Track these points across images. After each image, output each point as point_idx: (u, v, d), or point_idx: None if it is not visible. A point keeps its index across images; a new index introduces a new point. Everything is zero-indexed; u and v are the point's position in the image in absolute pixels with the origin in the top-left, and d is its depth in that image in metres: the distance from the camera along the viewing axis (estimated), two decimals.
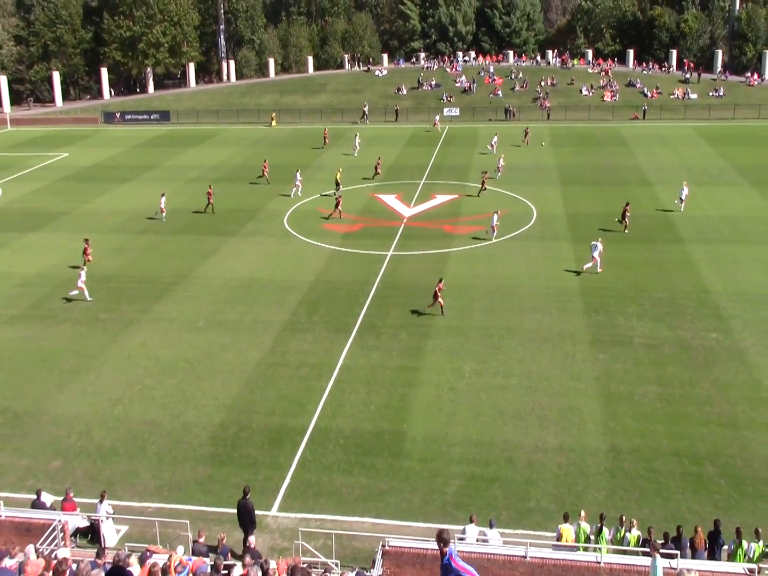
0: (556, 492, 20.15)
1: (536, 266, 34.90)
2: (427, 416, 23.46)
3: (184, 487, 20.46)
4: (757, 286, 32.20)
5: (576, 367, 26.13)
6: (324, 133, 62.83)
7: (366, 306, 31.03)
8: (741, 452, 21.46)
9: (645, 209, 42.83)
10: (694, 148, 57.75)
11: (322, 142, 62.22)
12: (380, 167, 51.07)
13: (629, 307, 30.43)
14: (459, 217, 42.56)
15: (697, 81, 79.21)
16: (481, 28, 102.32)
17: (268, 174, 50.04)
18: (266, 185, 49.72)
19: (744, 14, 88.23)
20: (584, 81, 79.26)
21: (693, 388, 24.68)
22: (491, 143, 57.67)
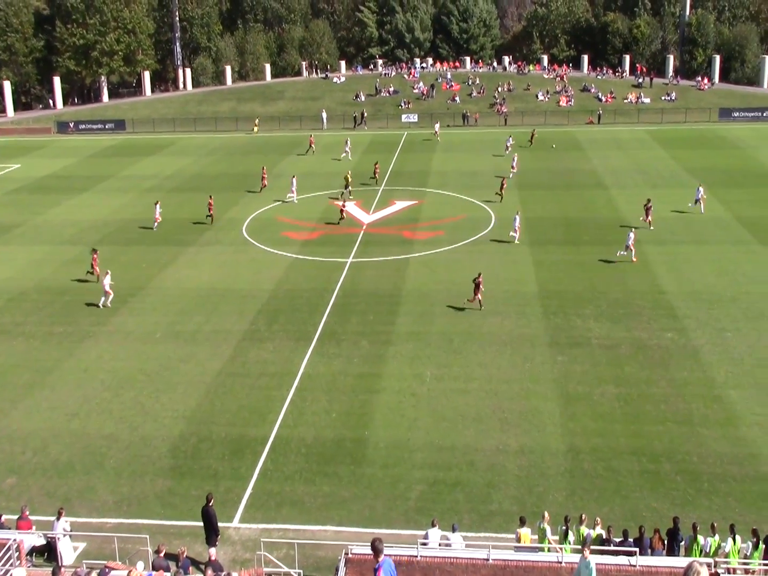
0: (517, 494, 20.31)
1: (495, 270, 35.18)
2: (388, 422, 23.48)
3: (144, 501, 20.17)
4: (710, 285, 32.89)
5: (535, 369, 26.40)
6: (310, 139, 62.53)
7: (326, 314, 30.97)
8: (696, 449, 21.88)
9: (600, 212, 43.50)
10: (647, 152, 58.86)
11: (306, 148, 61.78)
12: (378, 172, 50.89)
13: (586, 309, 30.85)
14: (418, 222, 42.75)
15: (650, 85, 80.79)
16: (438, 35, 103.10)
17: (267, 181, 49.73)
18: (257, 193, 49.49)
19: (694, 20, 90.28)
20: (540, 86, 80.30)
21: (649, 387, 25.11)
22: (507, 144, 57.87)
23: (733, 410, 23.68)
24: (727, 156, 56.71)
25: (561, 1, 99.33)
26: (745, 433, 22.56)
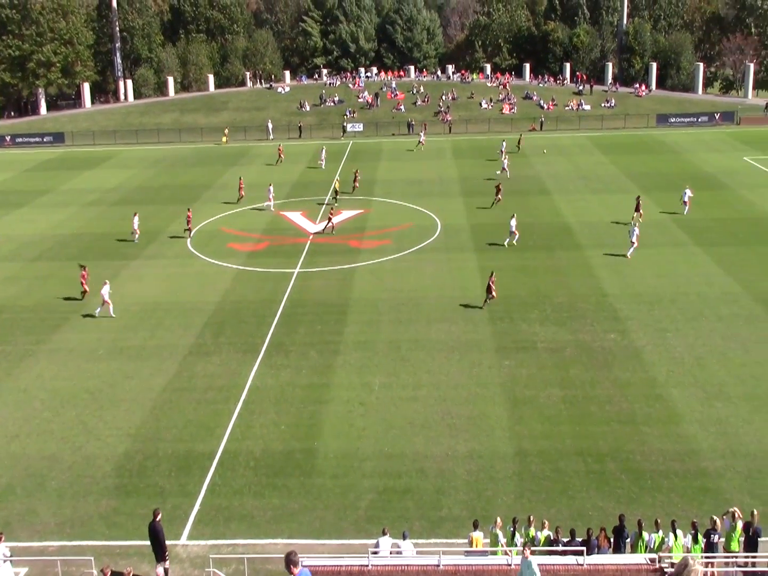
0: (466, 499, 20.45)
1: (442, 277, 35.47)
2: (338, 432, 23.42)
3: (88, 522, 19.70)
4: (650, 287, 33.69)
5: (483, 374, 26.66)
6: (279, 149, 62.13)
7: (274, 325, 30.78)
8: (640, 447, 22.36)
9: (544, 218, 44.22)
10: (588, 157, 60.10)
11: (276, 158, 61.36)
12: (358, 181, 50.66)
13: (532, 314, 31.30)
14: (365, 231, 42.84)
15: (590, 93, 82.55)
16: (382, 44, 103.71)
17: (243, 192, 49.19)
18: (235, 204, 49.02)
19: (631, 28, 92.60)
20: (483, 94, 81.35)
21: (594, 388, 25.58)
22: (501, 149, 58.18)
23: (675, 408, 24.27)
24: (664, 160, 58.24)
25: (503, 11, 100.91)
26: (685, 430, 23.14)
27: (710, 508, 19.35)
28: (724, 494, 20.27)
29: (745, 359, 27.08)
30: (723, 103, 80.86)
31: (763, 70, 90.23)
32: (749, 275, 34.54)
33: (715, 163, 56.16)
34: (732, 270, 35.24)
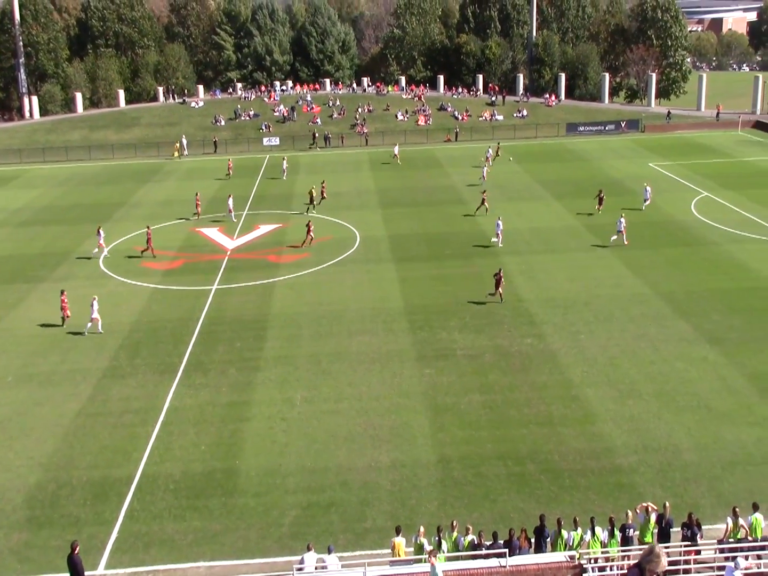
0: (390, 509, 20.52)
1: (362, 289, 35.59)
2: (259, 450, 23.15)
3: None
4: (564, 291, 34.65)
5: (404, 384, 26.85)
6: (228, 164, 61.00)
7: (191, 344, 30.22)
8: (558, 448, 22.92)
9: (461, 227, 44.92)
10: (502, 166, 61.37)
11: (225, 172, 60.40)
12: (325, 191, 50.10)
13: (451, 322, 31.72)
14: (283, 246, 42.58)
15: (503, 103, 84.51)
16: (297, 57, 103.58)
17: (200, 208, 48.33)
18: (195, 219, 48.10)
19: (540, 41, 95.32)
20: (399, 106, 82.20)
21: (512, 392, 26.09)
22: (487, 155, 60.14)
23: (590, 408, 25.00)
24: (575, 168, 60.09)
25: (416, 24, 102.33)
26: (600, 428, 23.86)
27: (625, 502, 19.97)
28: (638, 488, 20.98)
29: (654, 357, 28.14)
30: (628, 111, 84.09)
31: (665, 80, 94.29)
32: (656, 276, 35.95)
33: (622, 170, 58.28)
34: (640, 272, 36.60)
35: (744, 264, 37.12)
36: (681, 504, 19.72)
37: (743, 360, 27.62)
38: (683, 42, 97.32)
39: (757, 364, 27.29)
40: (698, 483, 21.14)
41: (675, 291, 34.13)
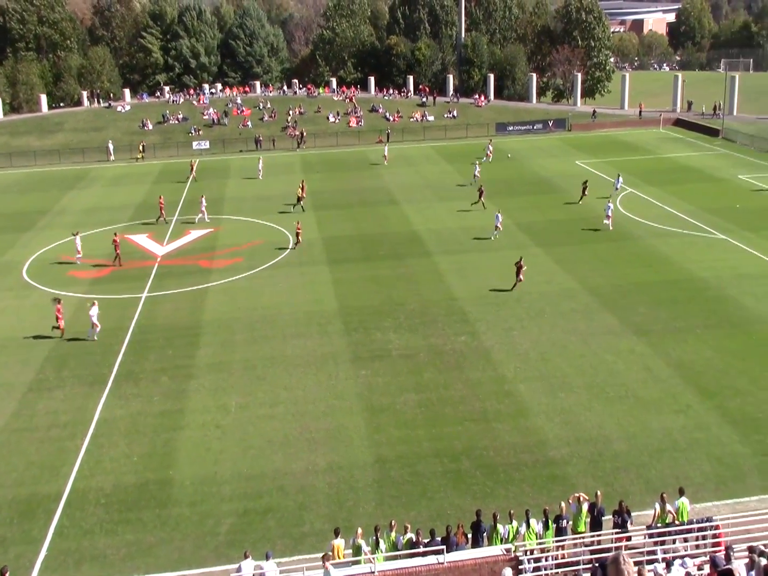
0: (328, 511, 20.48)
1: (296, 292, 35.40)
2: (194, 458, 22.80)
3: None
4: (496, 288, 35.13)
5: (340, 386, 26.82)
6: (191, 164, 59.60)
7: (122, 353, 29.54)
8: (492, 443, 23.25)
9: (394, 227, 45.12)
10: (434, 166, 61.97)
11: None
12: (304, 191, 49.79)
13: (385, 322, 31.83)
14: (215, 251, 42.00)
15: (433, 104, 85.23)
16: (225, 60, 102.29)
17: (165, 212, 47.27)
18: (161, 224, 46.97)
19: (469, 42, 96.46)
20: (330, 108, 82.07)
21: (447, 390, 26.35)
22: (487, 152, 61.46)
23: (523, 403, 25.45)
24: (504, 167, 60.98)
25: (346, 26, 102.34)
26: (533, 422, 24.31)
27: (559, 494, 20.38)
28: (571, 479, 21.45)
29: (584, 350, 28.82)
30: (555, 110, 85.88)
31: (589, 80, 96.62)
32: (584, 272, 36.82)
33: (551, 168, 59.47)
34: (569, 268, 37.42)
35: (667, 257, 38.34)
36: (612, 492, 20.24)
37: (668, 350, 28.54)
38: (606, 42, 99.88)
39: (681, 354, 28.23)
40: (627, 471, 21.74)
41: (602, 285, 35.02)
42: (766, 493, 20.53)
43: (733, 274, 35.80)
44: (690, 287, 34.52)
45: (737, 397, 25.25)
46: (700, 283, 35.02)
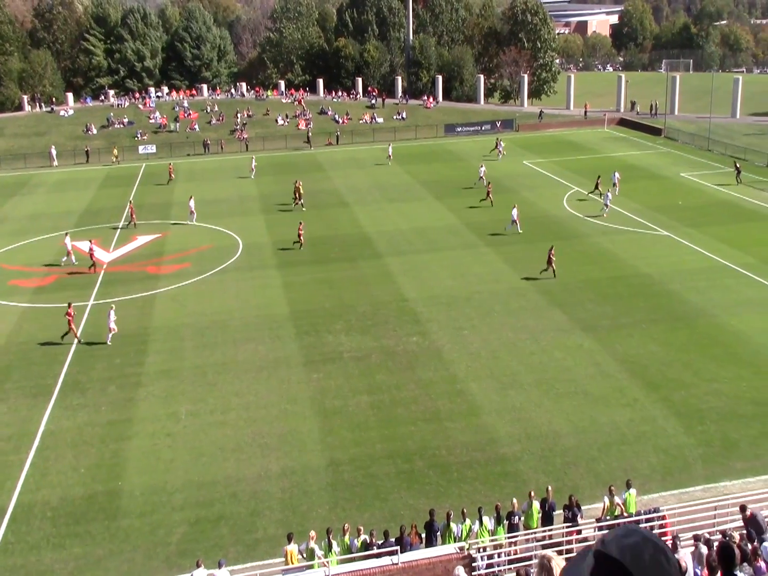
0: (282, 517, 20.36)
1: (246, 297, 35.11)
2: (144, 468, 22.44)
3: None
4: (447, 288, 35.40)
5: (292, 390, 26.69)
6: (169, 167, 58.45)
7: (67, 363, 28.91)
8: (445, 442, 23.40)
9: (344, 229, 45.08)
10: (384, 168, 62.08)
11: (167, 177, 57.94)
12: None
13: (337, 325, 31.78)
14: (163, 256, 41.39)
15: (382, 106, 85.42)
16: (171, 63, 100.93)
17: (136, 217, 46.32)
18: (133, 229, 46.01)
19: (417, 44, 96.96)
20: (279, 111, 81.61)
21: (400, 391, 26.42)
22: (499, 149, 62.96)
23: (474, 401, 25.67)
24: (454, 168, 61.46)
25: (294, 28, 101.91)
26: (485, 420, 24.54)
27: (511, 490, 20.63)
28: (522, 476, 21.73)
29: (533, 348, 29.20)
30: (503, 111, 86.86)
31: (536, 81, 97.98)
32: (533, 270, 37.27)
33: (499, 168, 60.04)
34: (518, 266, 37.87)
35: (612, 254, 39.10)
36: (563, 487, 20.55)
37: (614, 345, 29.11)
38: (552, 44, 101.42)
39: (627, 349, 28.81)
40: (577, 466, 22.10)
41: (551, 283, 35.52)
42: (710, 483, 21.11)
43: (676, 269, 36.68)
44: (635, 283, 35.26)
45: (681, 389, 25.88)
46: (645, 278, 35.80)
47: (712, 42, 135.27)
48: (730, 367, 27.17)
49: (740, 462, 21.96)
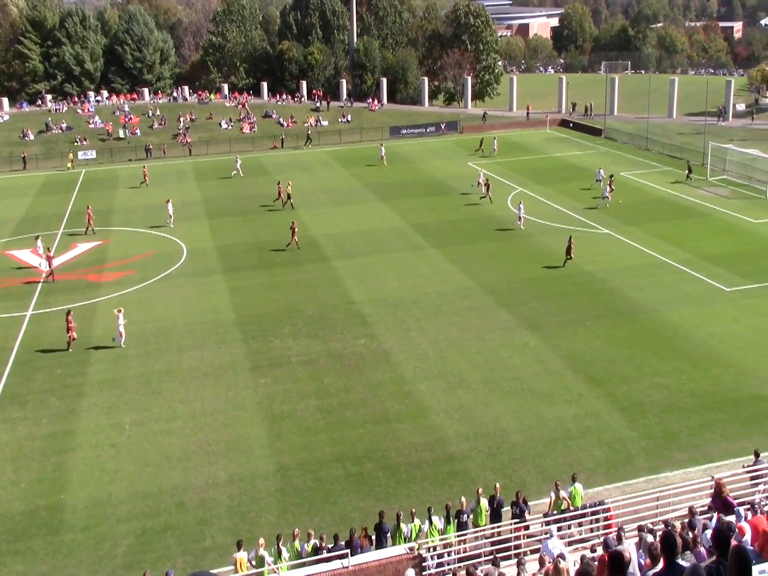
0: (230, 525, 20.15)
1: (191, 303, 34.63)
2: (87, 480, 21.95)
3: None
4: (393, 290, 35.50)
5: (239, 396, 26.43)
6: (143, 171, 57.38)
7: (5, 375, 28.11)
8: (394, 444, 23.46)
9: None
10: (329, 171, 61.99)
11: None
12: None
13: (284, 329, 31.59)
14: (105, 264, 40.53)
15: (327, 109, 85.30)
16: (111, 67, 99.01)
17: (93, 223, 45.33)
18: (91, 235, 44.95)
19: (361, 46, 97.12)
20: (223, 115, 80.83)
21: (348, 394, 26.40)
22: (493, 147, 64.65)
23: (422, 402, 25.79)
24: (399, 170, 61.67)
25: (237, 31, 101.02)
26: (433, 420, 24.68)
27: (459, 489, 20.78)
28: (471, 474, 21.91)
29: (480, 347, 29.49)
30: (447, 113, 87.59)
31: (479, 83, 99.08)
32: (478, 270, 37.68)
33: (444, 170, 60.56)
34: (464, 267, 38.21)
35: (556, 253, 39.66)
36: (510, 484, 20.79)
37: (559, 342, 29.59)
38: (494, 46, 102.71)
39: (572, 346, 29.32)
40: (524, 462, 22.40)
41: (496, 283, 35.94)
42: (653, 474, 21.61)
43: (617, 266, 37.49)
44: (578, 281, 35.90)
45: (624, 383, 26.45)
46: (587, 276, 36.49)
47: (649, 44, 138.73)
48: (670, 361, 27.88)
49: (681, 453, 22.55)
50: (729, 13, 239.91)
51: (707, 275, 35.87)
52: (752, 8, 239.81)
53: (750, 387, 25.97)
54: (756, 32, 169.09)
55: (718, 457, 22.20)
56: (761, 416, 24.25)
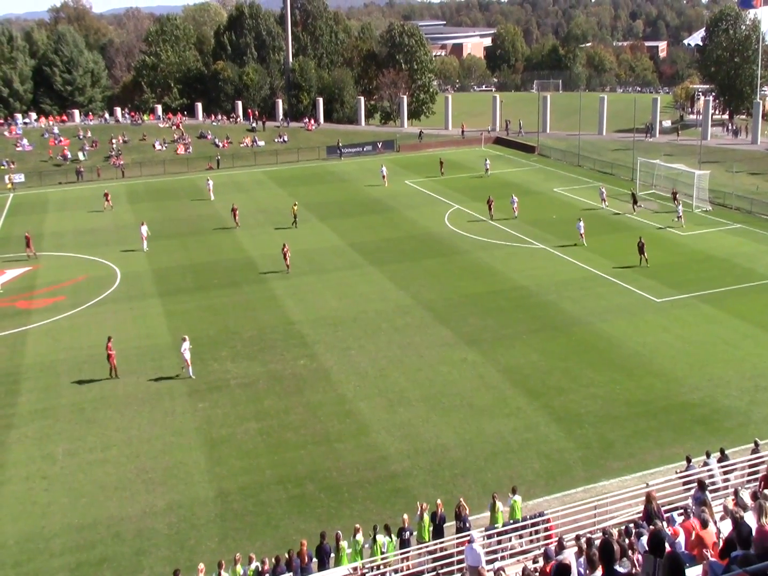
0: (169, 553, 19.72)
1: (125, 328, 33.89)
2: (17, 514, 21.20)
3: None
4: (332, 309, 35.45)
5: (177, 422, 25.95)
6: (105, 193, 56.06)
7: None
8: (335, 464, 23.35)
9: (227, 255, 44.39)
10: (266, 191, 61.72)
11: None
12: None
13: (222, 352, 31.19)
14: (35, 290, 39.38)
15: (263, 129, 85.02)
16: (40, 88, 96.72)
17: (33, 247, 44.09)
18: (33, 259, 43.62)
19: (297, 66, 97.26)
20: (156, 136, 79.78)
21: (288, 415, 26.19)
22: (486, 167, 64.75)
23: (363, 421, 25.76)
24: (337, 189, 61.87)
25: (170, 51, 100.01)
26: (374, 439, 24.66)
27: (402, 507, 20.79)
28: (413, 491, 21.94)
29: (420, 364, 29.64)
30: (384, 132, 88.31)
31: (415, 102, 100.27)
32: (418, 287, 37.94)
33: (381, 189, 60.92)
34: (403, 284, 38.43)
35: (492, 268, 40.32)
36: (452, 499, 20.83)
37: (497, 357, 29.97)
38: (429, 66, 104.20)
39: (509, 359, 29.74)
40: (465, 477, 22.55)
41: (435, 299, 36.24)
42: (590, 483, 22.01)
43: (552, 281, 38.24)
44: (515, 296, 36.49)
45: (561, 395, 26.93)
46: (524, 291, 37.12)
47: (579, 63, 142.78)
48: (604, 372, 28.52)
49: (616, 462, 23.04)
50: (654, 33, 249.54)
51: (638, 287, 36.90)
52: (676, 28, 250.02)
53: (680, 394, 26.76)
54: (680, 51, 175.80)
55: (652, 464, 22.76)
56: (691, 423, 25.00)
